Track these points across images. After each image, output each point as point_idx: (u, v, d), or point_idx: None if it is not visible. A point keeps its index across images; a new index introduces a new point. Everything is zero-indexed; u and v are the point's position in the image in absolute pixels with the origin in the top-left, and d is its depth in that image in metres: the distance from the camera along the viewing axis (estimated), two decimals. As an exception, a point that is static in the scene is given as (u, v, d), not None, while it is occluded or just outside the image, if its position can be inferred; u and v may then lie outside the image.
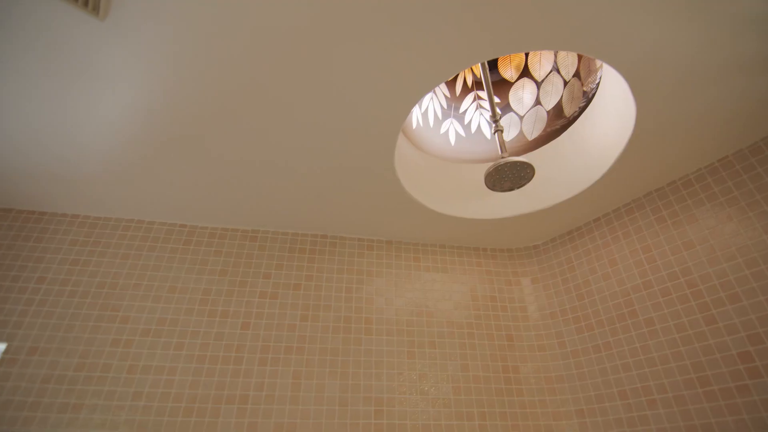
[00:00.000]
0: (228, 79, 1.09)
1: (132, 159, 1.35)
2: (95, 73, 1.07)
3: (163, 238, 1.58)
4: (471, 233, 1.76)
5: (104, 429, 1.21)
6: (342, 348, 1.49)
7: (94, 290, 1.43)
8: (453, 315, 1.64)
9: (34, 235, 1.51)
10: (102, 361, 1.31)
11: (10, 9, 0.93)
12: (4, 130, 1.24)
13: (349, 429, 1.34)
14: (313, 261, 1.67)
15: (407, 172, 1.58)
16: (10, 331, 1.32)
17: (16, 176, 1.42)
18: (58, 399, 1.24)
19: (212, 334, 1.41)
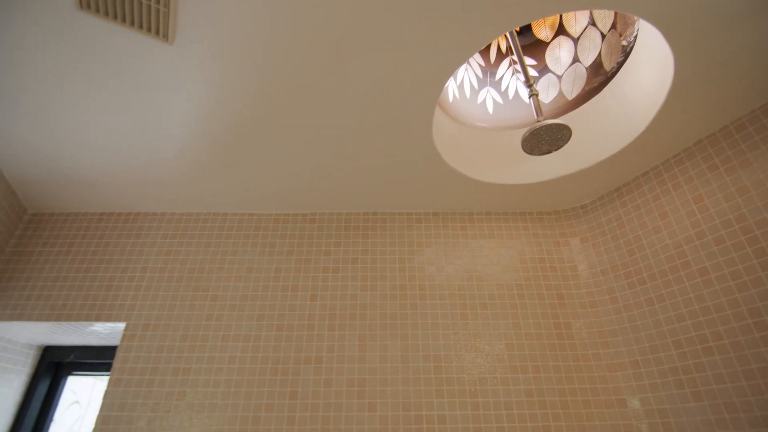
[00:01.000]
0: (273, 82, 1.23)
1: (201, 160, 1.55)
2: (166, 88, 1.26)
3: (237, 227, 1.81)
4: (516, 199, 1.81)
5: (208, 387, 1.47)
6: (400, 313, 1.63)
7: (187, 275, 1.69)
8: (502, 278, 1.72)
9: (133, 232, 1.79)
10: (200, 333, 1.57)
11: (96, 42, 1.13)
12: (99, 145, 1.49)
13: (412, 383, 1.49)
14: (367, 237, 1.82)
15: (447, 145, 1.65)
16: (126, 312, 1.61)
17: (112, 184, 1.69)
18: (170, 365, 1.51)
19: (286, 306, 1.63)
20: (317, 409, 1.44)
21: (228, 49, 1.13)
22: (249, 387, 1.47)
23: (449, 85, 1.79)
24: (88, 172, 1.61)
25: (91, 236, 1.78)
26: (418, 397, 1.47)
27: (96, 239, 1.77)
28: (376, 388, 1.48)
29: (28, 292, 1.65)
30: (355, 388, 1.48)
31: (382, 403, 1.46)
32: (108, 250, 1.75)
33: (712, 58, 1.17)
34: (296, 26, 1.06)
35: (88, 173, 1.62)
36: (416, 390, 1.48)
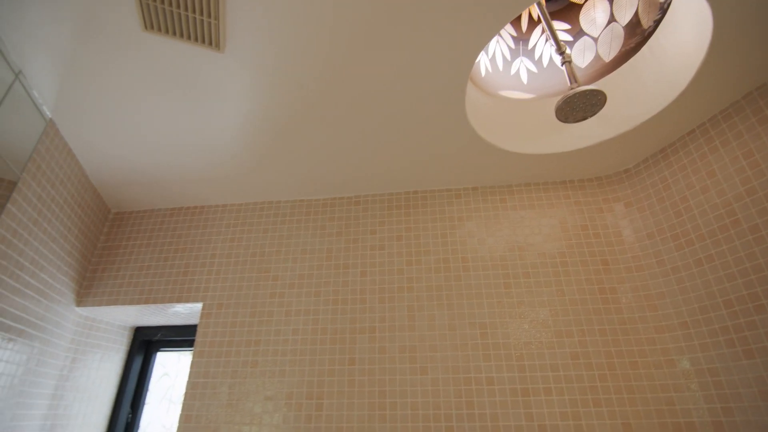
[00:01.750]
0: (314, 78, 1.33)
1: (254, 154, 1.70)
2: (219, 91, 1.40)
3: (290, 213, 1.97)
4: (555, 168, 1.82)
5: (277, 356, 1.66)
6: (444, 284, 1.73)
7: (250, 258, 1.88)
8: (544, 247, 1.76)
9: (200, 224, 2.01)
10: (266, 309, 1.75)
11: (159, 57, 1.28)
12: (166, 148, 1.67)
13: (459, 348, 1.60)
14: (409, 215, 1.91)
15: (482, 120, 1.69)
16: (202, 294, 1.83)
17: (179, 182, 1.89)
18: (243, 338, 1.71)
19: (339, 282, 1.77)
20: (374, 374, 1.59)
21: (271, 52, 1.24)
22: (312, 355, 1.64)
23: (481, 60, 1.81)
24: (159, 172, 1.82)
25: (165, 229, 2.02)
26: (466, 361, 1.57)
27: (170, 231, 2.01)
28: (426, 353, 1.60)
29: (119, 281, 1.91)
30: (407, 354, 1.61)
31: (433, 367, 1.57)
32: (181, 240, 1.97)
33: (751, 9, 1.13)
34: (332, 24, 1.15)
35: (159, 173, 1.83)
36: (464, 355, 1.58)
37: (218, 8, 1.07)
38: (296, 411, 1.56)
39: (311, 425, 1.53)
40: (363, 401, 1.55)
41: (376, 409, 1.53)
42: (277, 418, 1.55)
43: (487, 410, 1.49)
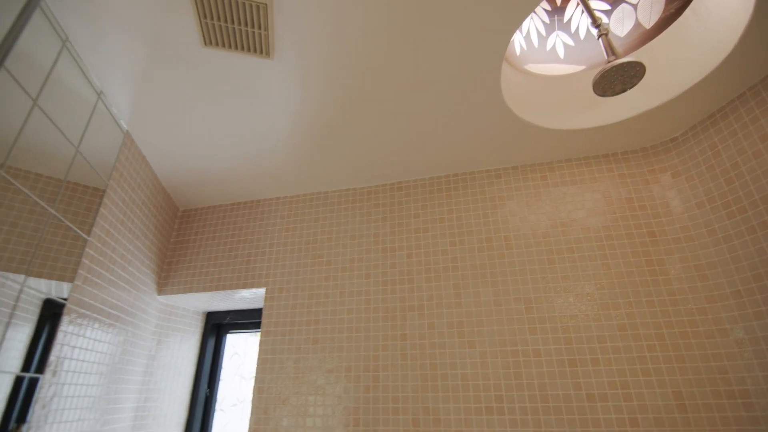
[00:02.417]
0: (355, 75, 1.42)
1: (303, 149, 1.83)
2: (270, 93, 1.53)
3: (337, 202, 2.10)
4: (597, 142, 1.81)
5: (334, 333, 1.81)
6: (488, 263, 1.79)
7: (304, 246, 2.03)
8: (588, 222, 1.77)
9: (258, 216, 2.19)
10: (322, 292, 1.90)
11: (216, 68, 1.42)
12: (224, 149, 1.84)
13: (505, 322, 1.67)
14: (451, 197, 1.98)
15: (518, 99, 1.71)
16: (264, 279, 2.01)
17: (237, 179, 2.07)
18: (303, 318, 1.88)
19: (387, 264, 1.89)
20: (424, 348, 1.70)
21: (316, 55, 1.34)
22: (366, 332, 1.78)
23: (515, 38, 1.81)
24: (218, 171, 2.00)
25: (227, 223, 2.22)
26: (512, 334, 1.64)
27: (232, 224, 2.20)
28: (474, 328, 1.68)
29: (191, 271, 2.13)
30: (455, 329, 1.70)
31: (480, 341, 1.66)
32: (242, 232, 2.17)
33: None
34: (369, 24, 1.23)
35: (219, 172, 2.01)
36: (510, 329, 1.65)
37: (267, 21, 1.18)
38: (355, 383, 1.71)
39: (369, 395, 1.67)
40: (416, 373, 1.66)
41: (429, 380, 1.64)
42: (338, 389, 1.71)
43: (535, 380, 1.56)
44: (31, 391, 1.23)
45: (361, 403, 1.67)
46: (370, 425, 1.63)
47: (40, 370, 1.27)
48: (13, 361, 1.17)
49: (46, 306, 1.32)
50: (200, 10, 1.15)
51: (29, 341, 1.26)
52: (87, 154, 1.40)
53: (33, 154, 1.15)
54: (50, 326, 1.34)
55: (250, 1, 1.13)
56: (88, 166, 1.42)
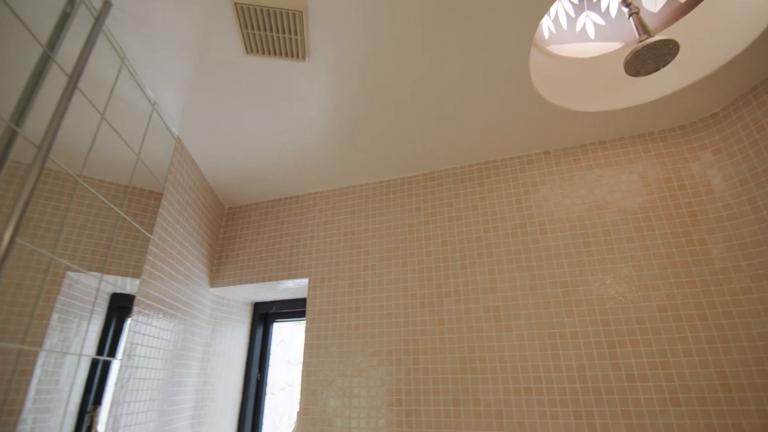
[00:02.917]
0: (385, 72, 1.48)
1: (337, 145, 1.91)
2: (305, 93, 1.61)
3: (372, 194, 2.18)
4: (632, 122, 1.79)
5: (374, 319, 1.90)
6: (523, 248, 1.82)
7: (343, 237, 2.13)
8: (625, 204, 1.76)
9: (298, 211, 2.30)
10: (361, 280, 2.00)
11: (256, 73, 1.52)
12: (264, 148, 1.95)
13: (542, 306, 1.70)
14: (483, 185, 2.01)
15: (548, 84, 1.71)
16: (307, 270, 2.12)
17: (277, 176, 2.18)
18: (345, 305, 1.98)
19: (423, 253, 1.95)
20: (462, 332, 1.76)
21: (348, 54, 1.41)
22: (405, 318, 1.86)
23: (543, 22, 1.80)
24: (260, 170, 2.12)
25: (270, 218, 2.35)
26: (549, 317, 1.67)
27: (274, 220, 2.33)
28: (510, 312, 1.73)
29: (240, 264, 2.28)
30: (492, 313, 1.75)
31: (517, 324, 1.70)
32: (284, 226, 2.29)
33: None
34: (398, 22, 1.28)
35: (260, 171, 2.13)
36: (547, 312, 1.68)
37: (303, 27, 1.26)
38: (396, 365, 1.79)
39: (410, 377, 1.76)
40: (454, 356, 1.73)
41: (467, 363, 1.70)
42: (381, 371, 1.80)
43: (573, 362, 1.58)
44: (104, 377, 1.39)
45: (403, 384, 1.76)
46: (412, 405, 1.71)
47: (112, 355, 1.43)
48: (89, 349, 1.33)
49: (113, 299, 1.48)
50: (242, 22, 1.24)
51: (100, 331, 1.42)
52: (146, 161, 1.55)
53: (100, 163, 1.29)
54: (117, 317, 1.49)
55: (287, 10, 1.21)
56: (148, 171, 1.56)
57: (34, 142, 0.99)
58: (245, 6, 1.19)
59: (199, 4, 1.21)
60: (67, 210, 1.14)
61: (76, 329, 1.26)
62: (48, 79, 1.05)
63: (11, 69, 0.96)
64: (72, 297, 1.24)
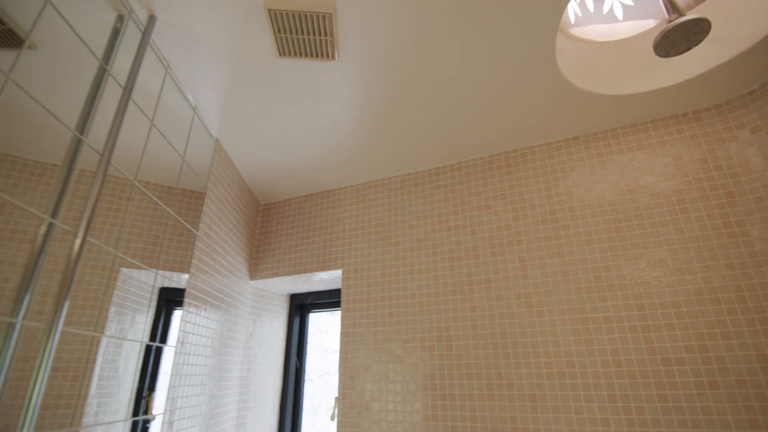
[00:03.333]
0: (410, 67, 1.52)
1: (365, 140, 1.97)
2: (334, 91, 1.67)
3: (400, 186, 2.23)
4: (663, 103, 1.76)
5: (407, 308, 1.96)
6: (553, 234, 1.83)
7: (374, 229, 2.19)
8: (658, 187, 1.74)
9: (329, 205, 2.38)
10: (393, 270, 2.06)
11: (288, 74, 1.59)
12: (296, 146, 2.03)
13: (574, 291, 1.71)
14: (511, 173, 2.02)
15: (576, 68, 1.70)
16: (340, 262, 2.20)
17: (308, 172, 2.26)
18: (378, 294, 2.05)
19: (452, 242, 1.99)
20: (493, 318, 1.79)
21: (375, 50, 1.46)
22: (437, 305, 1.91)
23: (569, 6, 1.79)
24: (292, 167, 2.21)
25: (303, 213, 2.44)
26: (582, 302, 1.68)
27: (307, 214, 2.42)
28: (542, 298, 1.75)
29: (276, 258, 2.39)
30: (523, 299, 1.77)
31: (549, 310, 1.72)
32: (317, 220, 2.38)
33: None
34: (423, 17, 1.32)
35: (293, 168, 2.22)
36: (579, 297, 1.69)
37: (332, 28, 1.31)
38: (430, 351, 1.85)
39: (444, 362, 1.81)
40: (486, 342, 1.77)
41: (500, 348, 1.74)
42: (415, 357, 1.87)
43: (606, 346, 1.60)
44: (156, 365, 1.51)
45: (437, 369, 1.82)
46: (446, 389, 1.77)
47: (163, 342, 1.55)
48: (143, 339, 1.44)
49: (161, 293, 1.60)
50: (275, 26, 1.31)
51: (152, 322, 1.54)
52: (190, 162, 1.65)
53: (147, 166, 1.40)
54: (165, 310, 1.61)
55: (317, 13, 1.27)
56: (192, 172, 1.66)
57: (97, 149, 1.09)
58: (278, 11, 1.26)
59: (235, 12, 1.28)
60: (126, 211, 1.25)
61: (130, 321, 1.37)
62: (105, 90, 1.15)
63: (73, 83, 1.06)
64: (126, 291, 1.35)
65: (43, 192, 0.96)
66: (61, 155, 1.00)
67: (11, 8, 0.89)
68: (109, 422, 1.20)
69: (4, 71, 0.86)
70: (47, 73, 0.98)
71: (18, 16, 0.91)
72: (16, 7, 0.90)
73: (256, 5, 1.26)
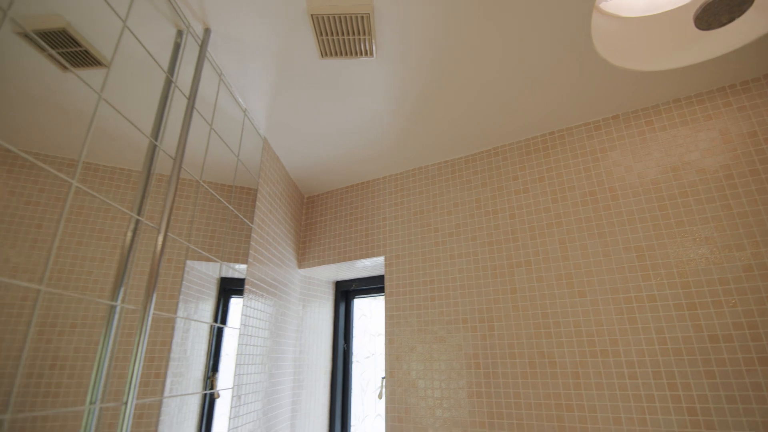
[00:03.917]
0: (448, 55, 1.57)
1: (401, 131, 2.04)
2: (371, 85, 1.75)
3: (437, 173, 2.30)
4: (708, 76, 1.71)
5: (449, 291, 2.03)
6: (594, 215, 1.84)
7: (413, 216, 2.28)
8: (704, 163, 1.70)
9: (369, 195, 2.48)
10: (433, 255, 2.14)
11: (329, 72, 1.68)
12: (335, 140, 2.13)
13: (616, 271, 1.72)
14: (549, 155, 2.04)
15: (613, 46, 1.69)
16: (382, 249, 2.31)
17: (348, 164, 2.37)
18: (420, 279, 2.14)
19: (491, 226, 2.04)
20: (534, 299, 1.84)
21: (411, 44, 1.52)
22: (477, 288, 1.97)
23: (606, -16, 1.76)
24: (333, 160, 2.32)
25: (345, 204, 2.56)
26: (624, 282, 1.69)
27: (349, 205, 2.54)
28: (583, 279, 1.77)
29: (321, 247, 2.53)
30: (564, 280, 1.80)
31: (591, 290, 1.74)
32: (358, 210, 2.49)
33: None
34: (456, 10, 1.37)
35: (333, 161, 2.33)
36: (621, 277, 1.70)
37: (370, 27, 1.39)
38: (472, 332, 1.92)
39: (486, 342, 1.88)
40: (528, 322, 1.82)
41: (541, 328, 1.79)
42: (458, 338, 1.95)
43: (651, 324, 1.61)
44: (218, 349, 1.67)
45: (480, 349, 1.89)
46: (489, 368, 1.84)
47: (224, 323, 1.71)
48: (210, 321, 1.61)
49: (219, 282, 1.76)
50: (317, 30, 1.40)
51: (213, 309, 1.70)
52: (243, 161, 1.79)
53: (209, 166, 1.54)
54: (224, 298, 1.77)
55: (355, 14, 1.34)
56: (245, 170, 1.81)
57: (170, 154, 1.24)
58: (320, 16, 1.35)
59: (281, 20, 1.39)
60: (194, 208, 1.40)
61: (194, 308, 1.53)
62: (172, 100, 1.29)
63: (144, 95, 1.20)
64: (190, 281, 1.51)
65: (123, 194, 1.11)
66: (130, 160, 1.15)
67: (86, 31, 1.03)
68: (185, 394, 1.37)
69: (96, 91, 1.00)
70: (120, 87, 1.12)
71: (92, 38, 1.04)
72: (89, 30, 1.04)
73: (299, 12, 1.35)
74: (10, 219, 0.81)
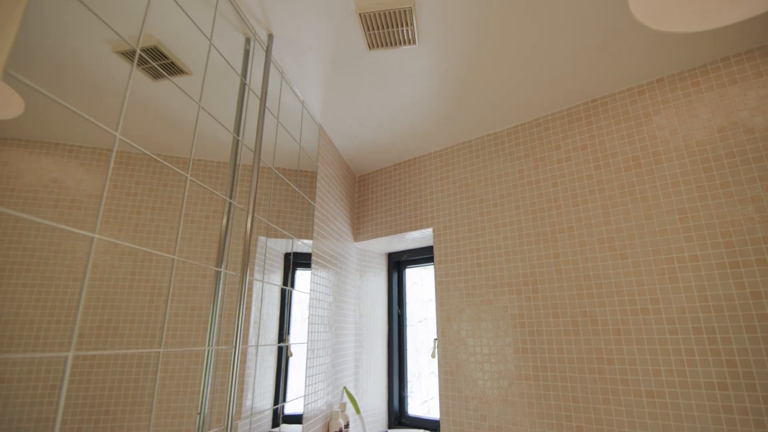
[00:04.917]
0: (488, 34, 1.67)
1: (445, 109, 2.17)
2: (414, 70, 1.89)
3: (481, 147, 2.41)
4: (758, 31, 1.68)
5: (494, 257, 2.18)
6: (636, 180, 1.89)
7: (458, 189, 2.42)
8: (753, 122, 1.69)
9: (416, 171, 2.65)
10: (479, 225, 2.29)
11: (376, 62, 1.84)
12: (383, 122, 2.29)
13: (658, 234, 1.78)
14: (591, 123, 2.08)
15: (652, 9, 1.69)
16: (430, 221, 2.49)
17: (395, 143, 2.53)
18: (467, 248, 2.30)
19: (534, 195, 2.14)
20: (577, 263, 1.95)
21: (452, 30, 1.64)
22: (521, 254, 2.11)
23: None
24: (381, 141, 2.50)
25: (393, 181, 2.74)
26: (666, 243, 1.76)
27: (397, 181, 2.73)
28: (625, 242, 1.85)
29: (374, 221, 2.75)
30: (606, 244, 1.89)
31: (632, 253, 1.82)
32: (406, 186, 2.67)
33: None
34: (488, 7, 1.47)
35: (381, 142, 2.51)
36: (663, 239, 1.77)
37: (413, 18, 1.53)
38: (517, 294, 2.08)
39: (531, 303, 2.03)
40: (570, 284, 1.94)
41: (584, 289, 1.90)
42: (503, 300, 2.11)
43: (692, 283, 1.68)
44: (289, 316, 1.94)
45: (524, 310, 2.04)
46: (534, 327, 2.00)
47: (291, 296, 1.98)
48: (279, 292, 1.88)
49: (285, 256, 2.02)
50: (365, 26, 1.56)
51: (282, 280, 1.97)
52: (304, 147, 2.02)
53: (277, 154, 1.78)
54: (292, 270, 2.04)
55: (399, 8, 1.49)
56: (306, 155, 2.04)
57: (251, 147, 1.48)
58: (367, 14, 1.50)
59: (332, 21, 1.56)
60: (271, 192, 1.64)
61: (269, 278, 1.80)
62: (247, 100, 1.52)
63: (223, 97, 1.44)
64: (261, 255, 1.78)
65: (215, 183, 1.36)
66: (216, 153, 1.40)
67: (171, 45, 1.26)
68: (265, 344, 1.66)
69: (195, 100, 1.24)
70: (205, 92, 1.36)
71: (177, 51, 1.27)
72: (174, 44, 1.27)
73: (349, 12, 1.52)
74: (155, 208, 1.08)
